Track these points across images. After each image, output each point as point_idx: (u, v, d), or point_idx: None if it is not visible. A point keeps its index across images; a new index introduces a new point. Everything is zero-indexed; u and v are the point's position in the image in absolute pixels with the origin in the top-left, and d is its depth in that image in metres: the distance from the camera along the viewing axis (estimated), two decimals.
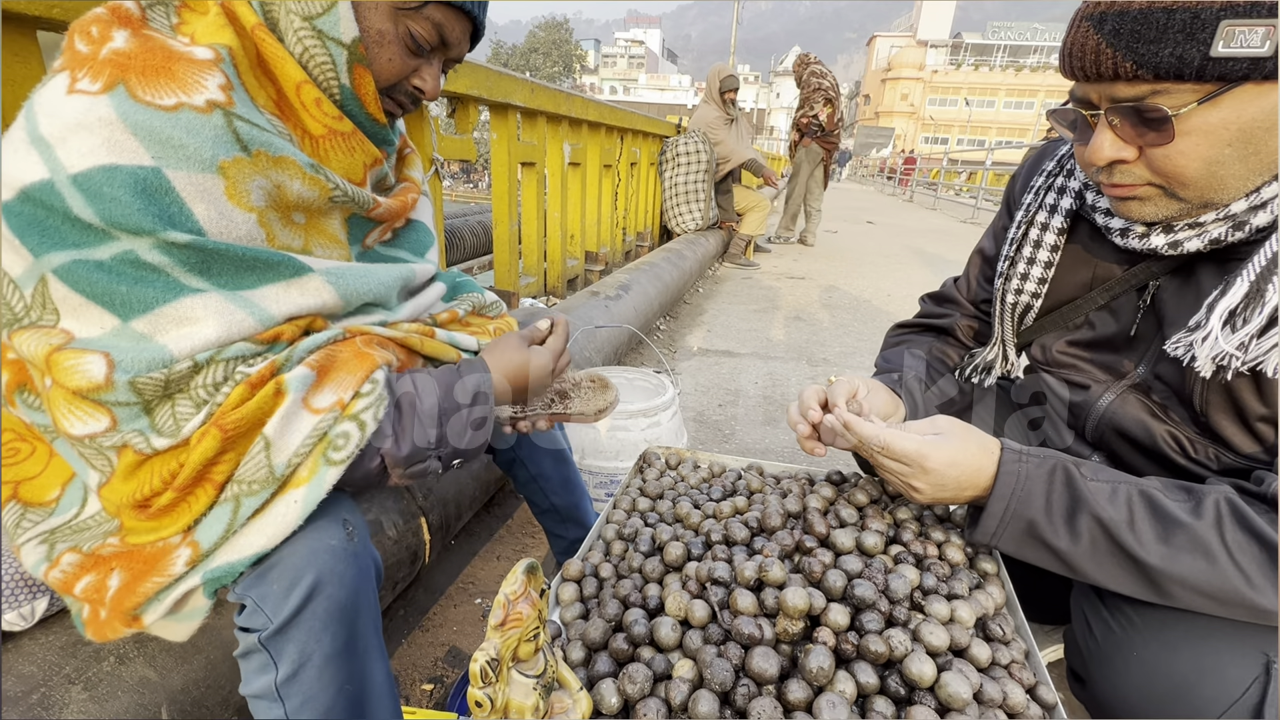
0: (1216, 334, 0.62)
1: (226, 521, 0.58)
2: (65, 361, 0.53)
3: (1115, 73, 0.59)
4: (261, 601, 0.58)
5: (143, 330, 0.54)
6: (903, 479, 0.71)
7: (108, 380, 0.53)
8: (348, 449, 0.60)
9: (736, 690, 0.54)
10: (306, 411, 0.60)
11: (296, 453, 0.59)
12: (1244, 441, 0.69)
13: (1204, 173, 0.60)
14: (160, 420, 0.56)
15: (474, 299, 0.98)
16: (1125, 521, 0.63)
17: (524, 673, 0.47)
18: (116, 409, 0.54)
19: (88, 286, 0.52)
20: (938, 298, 1.10)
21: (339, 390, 0.62)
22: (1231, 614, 0.62)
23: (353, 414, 0.61)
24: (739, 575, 0.64)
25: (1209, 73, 0.55)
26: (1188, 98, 0.57)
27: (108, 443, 0.55)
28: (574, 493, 1.14)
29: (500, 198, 2.38)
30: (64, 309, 0.53)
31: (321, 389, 0.61)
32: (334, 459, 0.60)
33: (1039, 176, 0.87)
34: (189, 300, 0.56)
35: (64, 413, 0.54)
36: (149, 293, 0.54)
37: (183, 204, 0.55)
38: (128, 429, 0.55)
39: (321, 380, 0.62)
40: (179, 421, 0.56)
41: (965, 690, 0.54)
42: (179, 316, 0.55)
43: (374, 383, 0.64)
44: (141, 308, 0.54)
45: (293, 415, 0.59)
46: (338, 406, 0.61)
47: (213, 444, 0.56)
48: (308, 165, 0.64)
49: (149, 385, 0.54)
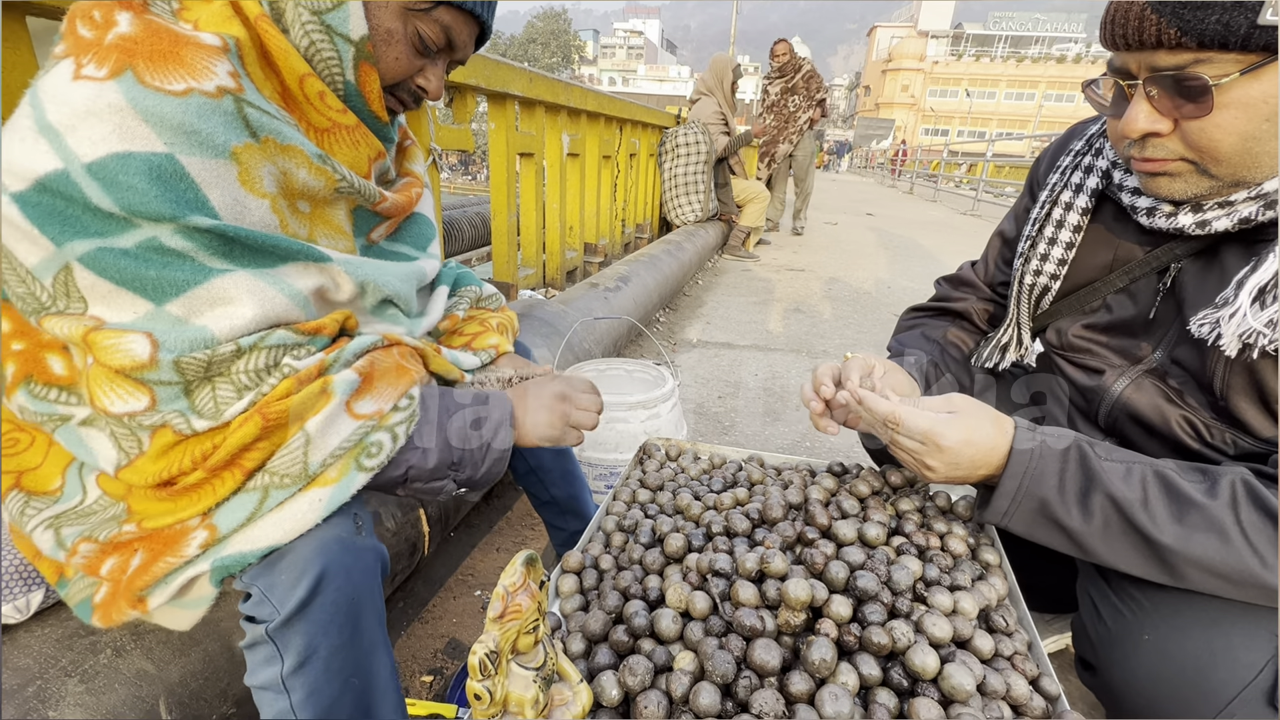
0: (1245, 310, 0.61)
1: (250, 510, 0.58)
2: (106, 341, 0.53)
3: (1158, 40, 0.58)
4: (269, 591, 0.58)
5: (178, 313, 0.55)
6: (917, 457, 0.70)
7: (152, 359, 0.53)
8: (379, 457, 0.62)
9: (738, 682, 0.54)
10: (348, 415, 0.61)
11: (333, 453, 0.60)
12: (1264, 425, 0.68)
13: (1239, 149, 0.59)
14: (200, 402, 0.56)
15: (472, 293, 0.97)
16: (1139, 501, 0.63)
17: (523, 665, 0.47)
18: (158, 388, 0.55)
19: (116, 273, 0.52)
20: (954, 281, 1.08)
21: (380, 400, 0.64)
22: (1244, 595, 0.61)
23: (388, 425, 0.63)
24: (740, 567, 0.63)
25: (1254, 42, 0.54)
26: (1229, 68, 0.56)
27: (146, 421, 0.55)
28: (574, 484, 1.14)
29: (498, 188, 2.36)
30: (92, 296, 0.53)
31: (364, 396, 0.63)
32: (365, 465, 0.61)
33: (1066, 156, 0.86)
34: (220, 280, 0.56)
35: (105, 390, 0.54)
36: (179, 275, 0.54)
37: (198, 190, 0.55)
38: (168, 409, 0.55)
39: (365, 387, 0.63)
40: (219, 405, 0.57)
41: (969, 681, 0.53)
42: (213, 297, 0.56)
43: (410, 398, 0.66)
44: (174, 291, 0.54)
45: (336, 417, 0.60)
46: (377, 416, 0.63)
47: (253, 430, 0.57)
48: (315, 155, 0.64)
49: (192, 365, 0.55)
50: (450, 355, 0.82)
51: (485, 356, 0.87)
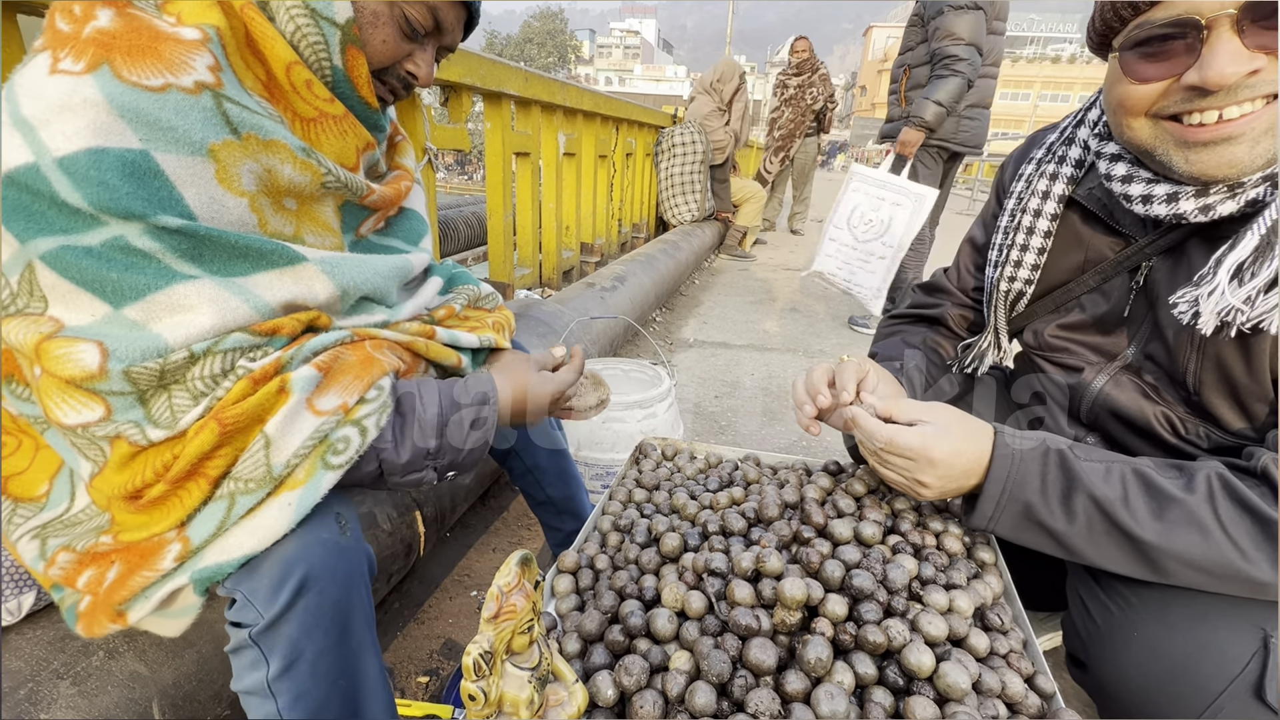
0: (1224, 287, 0.62)
1: (219, 519, 0.57)
2: (56, 350, 0.51)
3: None
4: (252, 596, 0.57)
5: (135, 318, 0.53)
6: (909, 474, 0.70)
7: (101, 369, 0.52)
8: (347, 453, 0.60)
9: (734, 681, 0.54)
10: (309, 412, 0.59)
11: (296, 453, 0.58)
12: (1234, 419, 0.70)
13: None
14: (156, 411, 0.55)
15: (469, 291, 0.97)
16: (1120, 499, 0.63)
17: (518, 665, 0.46)
18: (111, 398, 0.53)
19: (77, 273, 0.51)
20: (928, 288, 1.10)
21: (344, 394, 0.61)
22: (1227, 588, 0.62)
23: (355, 419, 0.61)
24: (736, 566, 0.63)
25: None
26: None
27: (101, 432, 0.54)
28: (570, 484, 1.13)
29: (495, 188, 2.35)
30: (52, 296, 0.52)
31: (326, 391, 0.61)
32: (332, 463, 0.59)
33: (1028, 164, 0.87)
34: (182, 287, 0.55)
35: (56, 402, 0.53)
36: (140, 279, 0.53)
37: (173, 188, 0.54)
38: (122, 419, 0.54)
39: (327, 382, 0.61)
40: (175, 413, 0.55)
41: (964, 680, 0.53)
42: (172, 304, 0.54)
43: (379, 389, 0.64)
44: (133, 295, 0.53)
45: (296, 415, 0.58)
46: (341, 410, 0.60)
47: (210, 438, 0.55)
48: (299, 149, 0.62)
49: (144, 375, 0.53)
50: (448, 335, 0.79)
51: (486, 340, 0.86)
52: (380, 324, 0.74)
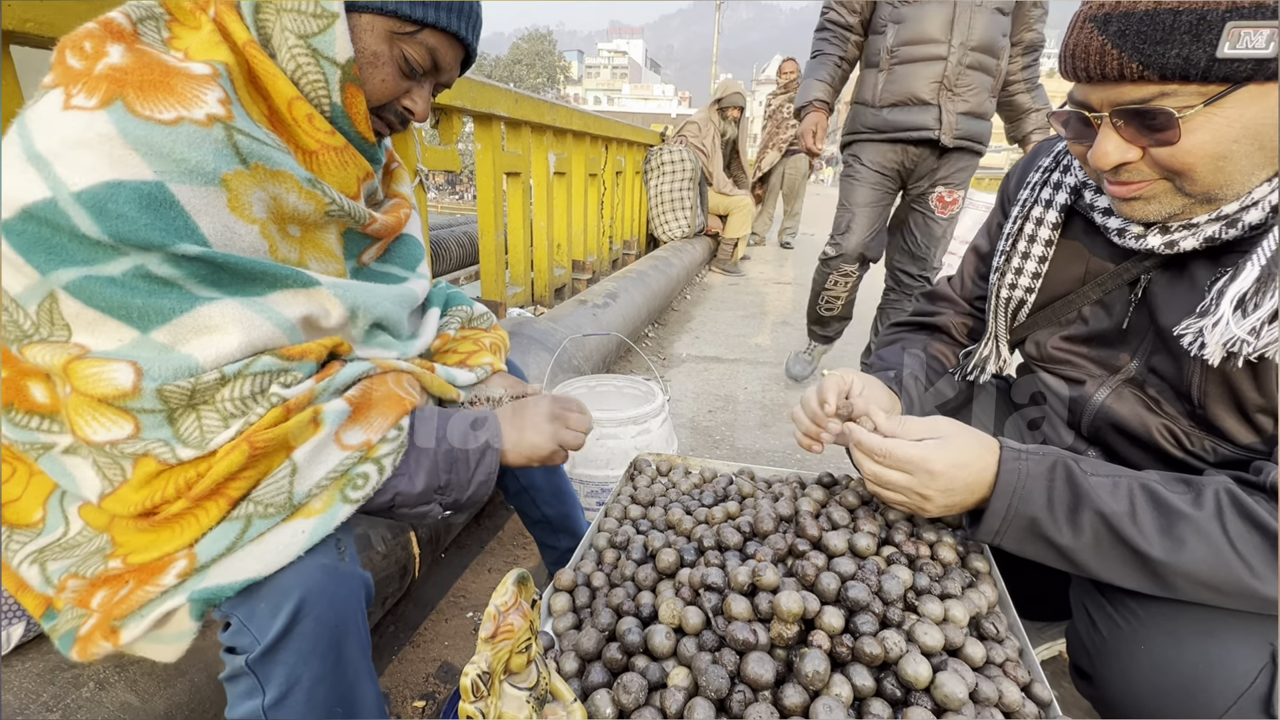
0: (1228, 319, 0.62)
1: (231, 539, 0.57)
2: (87, 370, 0.52)
3: (1120, 74, 0.59)
4: (248, 620, 0.57)
5: (164, 341, 0.54)
6: (911, 490, 0.69)
7: (135, 388, 0.53)
8: (365, 489, 0.62)
9: (732, 697, 0.54)
10: (336, 446, 0.61)
11: (319, 484, 0.60)
12: (1242, 433, 0.70)
13: (1211, 168, 0.61)
14: (185, 431, 0.56)
15: (463, 313, 0.98)
16: (1127, 514, 0.63)
17: (516, 685, 0.46)
18: (141, 416, 0.54)
19: (102, 301, 0.52)
20: (931, 295, 1.11)
21: (369, 431, 0.64)
22: (1235, 604, 0.62)
23: (375, 457, 0.63)
24: (732, 580, 0.63)
25: (1214, 74, 0.56)
26: (1193, 100, 0.57)
27: (129, 449, 0.55)
28: (565, 502, 1.13)
29: (486, 208, 2.37)
30: (76, 325, 0.53)
31: (354, 426, 0.63)
32: (351, 497, 0.61)
33: (1035, 173, 0.88)
34: (207, 309, 0.56)
35: (86, 419, 0.54)
36: (165, 303, 0.54)
37: (188, 217, 0.55)
38: (151, 437, 0.55)
39: (355, 417, 0.64)
40: (205, 433, 0.56)
41: (961, 690, 0.54)
42: (199, 326, 0.56)
43: (400, 429, 0.66)
44: (160, 319, 0.54)
45: (324, 447, 0.60)
46: (365, 446, 0.63)
47: (240, 459, 0.56)
48: (305, 180, 0.64)
49: (175, 393, 0.54)
50: (445, 373, 0.82)
51: (481, 373, 0.87)
52: (397, 358, 0.76)
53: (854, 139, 2.25)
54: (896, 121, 2.11)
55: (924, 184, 2.21)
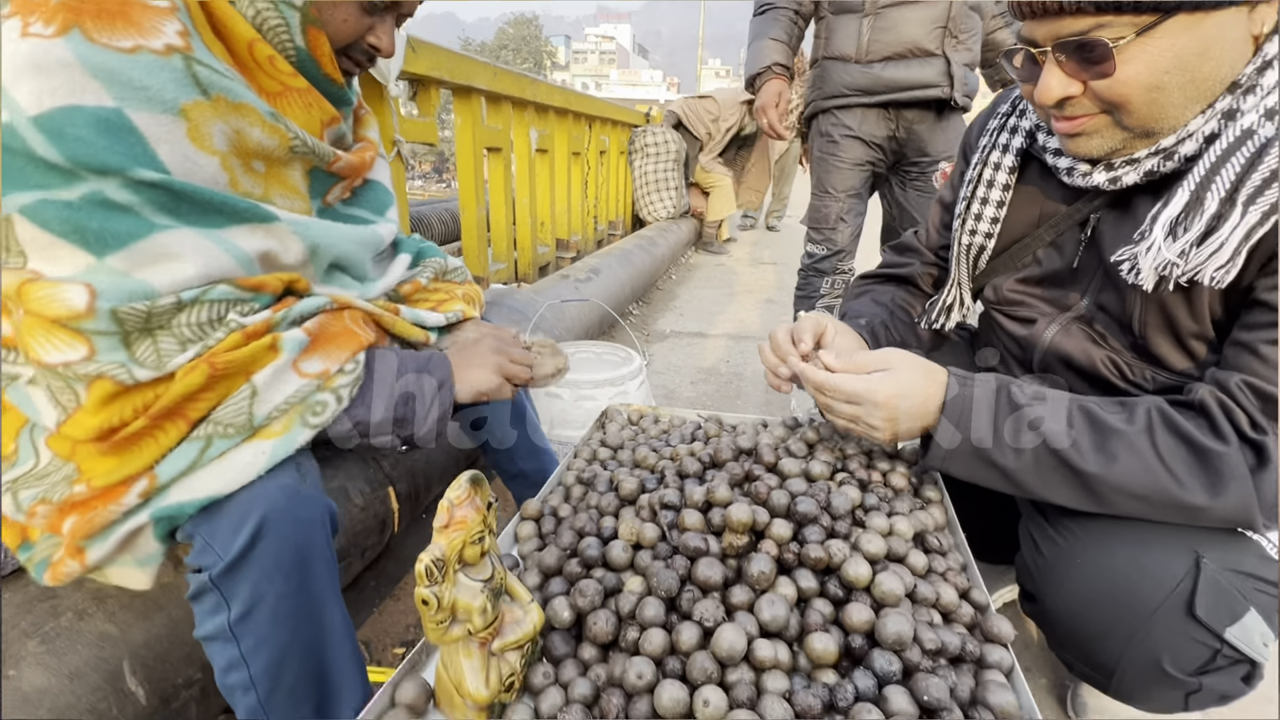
0: (1160, 243, 0.66)
1: (191, 458, 0.59)
2: (40, 292, 0.53)
3: (1060, 7, 0.62)
4: (211, 538, 0.59)
5: (120, 266, 0.55)
6: (860, 420, 0.74)
7: (89, 308, 0.53)
8: (323, 416, 0.64)
9: (682, 596, 0.57)
10: (294, 373, 0.63)
11: (278, 407, 0.62)
12: (1178, 358, 0.74)
13: (1146, 100, 0.64)
14: (141, 353, 0.57)
15: (436, 264, 0.99)
16: (1065, 432, 0.67)
17: (471, 576, 0.49)
18: (96, 338, 0.55)
19: (58, 225, 0.53)
20: (899, 248, 1.14)
21: (327, 361, 0.66)
22: (1164, 516, 0.66)
23: (333, 387, 0.65)
24: (689, 500, 0.66)
25: (1145, 4, 0.59)
26: (1126, 30, 0.61)
27: (83, 371, 0.56)
28: (541, 458, 1.16)
29: (467, 182, 2.37)
30: (32, 250, 0.54)
31: (312, 356, 0.65)
32: (310, 422, 0.63)
33: (994, 119, 0.91)
34: (164, 236, 0.57)
35: (39, 340, 0.55)
36: (121, 228, 0.55)
37: (146, 144, 0.56)
38: (106, 360, 0.56)
39: (314, 347, 0.65)
40: (162, 356, 0.58)
41: (899, 587, 0.57)
42: (156, 252, 0.57)
43: (356, 363, 0.68)
44: (116, 244, 0.55)
45: (283, 372, 0.62)
46: (322, 376, 0.65)
47: (199, 379, 0.58)
48: (268, 114, 0.65)
49: (131, 316, 0.55)
50: (412, 314, 0.83)
51: (452, 317, 0.89)
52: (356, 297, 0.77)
53: (831, 104, 1.81)
54: (893, 79, 1.68)
55: (925, 158, 1.81)
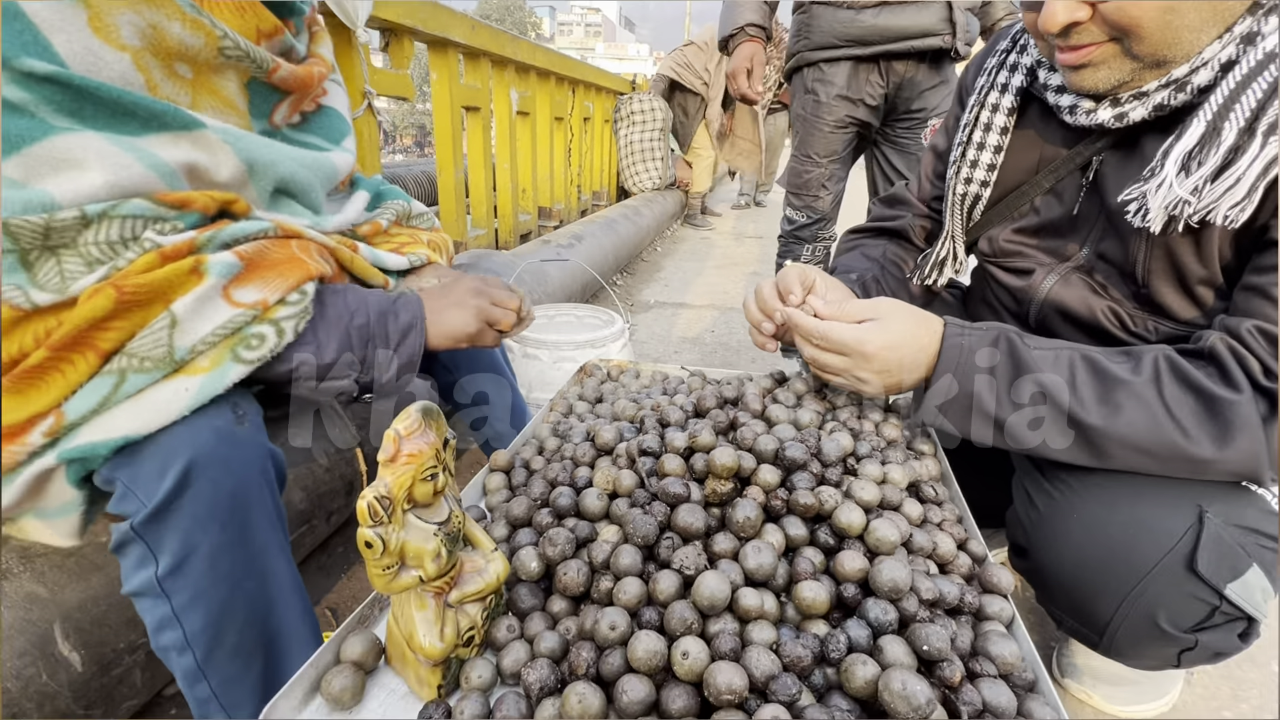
0: (1171, 179, 0.61)
1: (104, 395, 0.53)
2: None
3: None
4: (132, 483, 0.53)
5: (14, 175, 0.49)
6: (849, 372, 0.70)
7: None
8: (260, 350, 0.57)
9: (660, 544, 0.52)
10: (224, 301, 0.56)
11: (204, 340, 0.55)
12: (1184, 307, 0.70)
13: (1160, 23, 0.59)
14: (42, 275, 0.51)
15: (399, 207, 0.92)
16: (1067, 383, 0.63)
17: (423, 518, 0.43)
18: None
19: None
20: (889, 200, 1.08)
21: (265, 290, 0.58)
22: (1167, 469, 0.62)
23: (273, 319, 0.58)
24: (669, 445, 0.61)
25: None
26: None
27: None
28: (520, 418, 1.10)
29: (444, 142, 2.27)
30: None
31: (247, 283, 0.58)
32: (244, 357, 0.56)
33: (993, 57, 0.85)
34: (63, 139, 0.50)
35: None
36: (12, 128, 0.48)
37: (37, 31, 0.49)
38: (3, 281, 0.50)
39: (248, 274, 0.58)
40: (65, 279, 0.51)
41: (894, 534, 0.53)
42: (55, 158, 0.50)
43: (303, 294, 0.61)
44: (8, 147, 0.48)
45: (209, 300, 0.55)
46: (260, 306, 0.58)
47: (105, 303, 0.51)
48: (188, 5, 0.58)
49: (25, 230, 0.49)
50: (371, 254, 0.77)
51: (415, 259, 0.82)
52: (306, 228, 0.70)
53: (818, 56, 1.60)
54: (888, 27, 1.47)
55: (916, 115, 1.63)
